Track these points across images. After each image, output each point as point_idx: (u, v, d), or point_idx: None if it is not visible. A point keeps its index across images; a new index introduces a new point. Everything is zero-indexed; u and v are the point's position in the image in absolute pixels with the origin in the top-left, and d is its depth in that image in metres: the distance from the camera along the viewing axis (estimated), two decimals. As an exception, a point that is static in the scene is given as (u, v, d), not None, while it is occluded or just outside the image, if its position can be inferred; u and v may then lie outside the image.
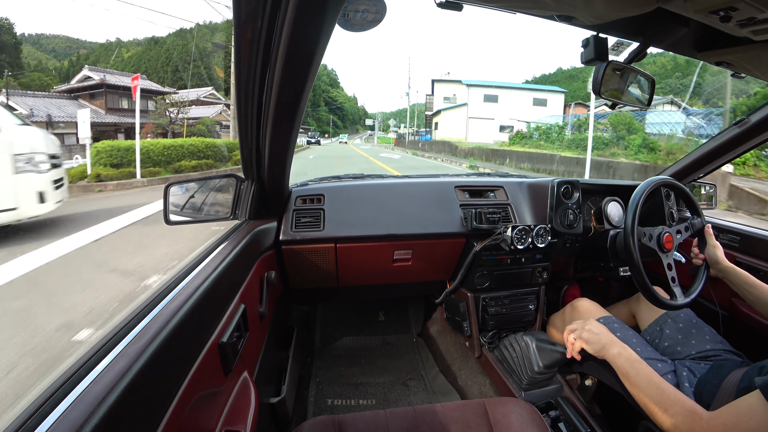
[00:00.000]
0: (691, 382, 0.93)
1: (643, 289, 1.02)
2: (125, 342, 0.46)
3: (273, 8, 0.56)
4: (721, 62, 0.78)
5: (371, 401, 1.54)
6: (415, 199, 1.33)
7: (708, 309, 1.26)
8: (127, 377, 0.40)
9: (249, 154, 0.95)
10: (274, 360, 1.15)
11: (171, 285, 0.62)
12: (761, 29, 0.57)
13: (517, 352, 1.33)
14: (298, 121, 0.81)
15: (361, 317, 2.03)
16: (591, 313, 1.18)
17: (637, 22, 0.67)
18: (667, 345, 1.07)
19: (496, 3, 0.64)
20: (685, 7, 0.54)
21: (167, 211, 0.98)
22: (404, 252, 1.31)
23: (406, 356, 1.82)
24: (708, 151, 1.34)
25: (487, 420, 0.86)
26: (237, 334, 0.72)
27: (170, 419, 0.46)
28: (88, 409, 0.36)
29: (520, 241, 1.26)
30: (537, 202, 1.40)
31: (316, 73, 0.69)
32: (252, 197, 1.05)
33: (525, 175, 1.68)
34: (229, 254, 0.77)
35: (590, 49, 0.73)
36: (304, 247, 1.22)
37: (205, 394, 0.58)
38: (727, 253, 1.28)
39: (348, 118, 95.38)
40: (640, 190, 1.07)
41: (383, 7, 0.59)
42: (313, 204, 1.26)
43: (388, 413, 0.88)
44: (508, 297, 1.45)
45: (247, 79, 0.72)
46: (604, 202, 1.41)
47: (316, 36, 0.58)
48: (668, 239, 1.07)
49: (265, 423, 0.94)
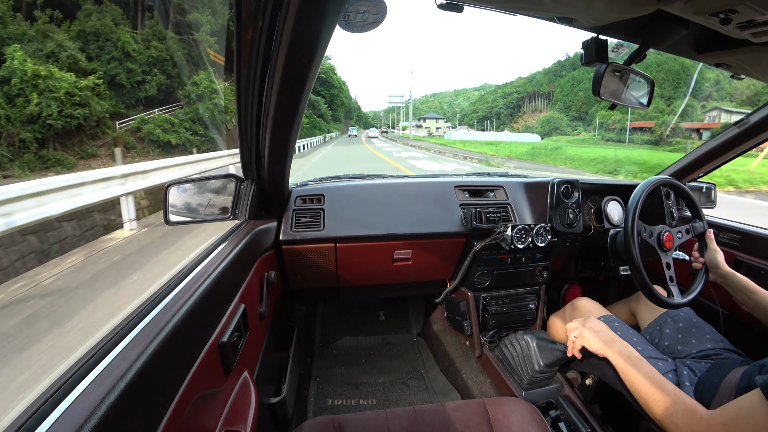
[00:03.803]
0: (691, 381, 0.93)
1: (643, 288, 1.02)
2: (125, 342, 0.47)
3: (274, 9, 0.56)
4: (720, 64, 0.78)
5: (371, 401, 1.54)
6: (415, 199, 1.33)
7: (708, 308, 1.27)
8: (127, 377, 0.40)
9: (249, 154, 0.95)
10: (275, 360, 1.15)
11: (171, 285, 0.62)
12: (761, 31, 0.57)
13: (517, 351, 1.33)
14: (298, 121, 0.81)
15: (361, 317, 2.03)
16: (591, 312, 1.18)
17: (637, 23, 0.67)
18: (668, 344, 1.08)
19: (496, 4, 0.64)
20: (685, 9, 0.54)
21: (167, 212, 0.98)
22: (404, 252, 1.31)
23: (407, 356, 1.82)
24: (708, 151, 1.34)
25: (488, 420, 0.86)
26: (237, 334, 0.72)
27: (170, 419, 0.46)
28: (88, 409, 0.36)
29: (520, 240, 1.26)
30: (537, 202, 1.40)
31: (317, 74, 0.69)
32: (252, 197, 1.05)
33: (525, 174, 1.68)
34: (229, 254, 0.77)
35: (590, 51, 0.73)
36: (304, 247, 1.22)
37: (205, 394, 0.58)
38: (728, 252, 1.28)
39: (339, 107, 69.50)
40: (640, 190, 1.07)
41: (384, 9, 0.59)
42: (313, 204, 1.26)
43: (389, 413, 0.88)
44: (508, 296, 1.45)
45: (247, 79, 0.72)
46: (604, 202, 1.41)
47: (317, 37, 0.58)
48: (668, 238, 1.07)
49: (265, 423, 0.94)
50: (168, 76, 17.84)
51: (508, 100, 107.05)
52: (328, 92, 63.94)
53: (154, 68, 17.33)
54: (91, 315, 2.46)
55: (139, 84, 16.93)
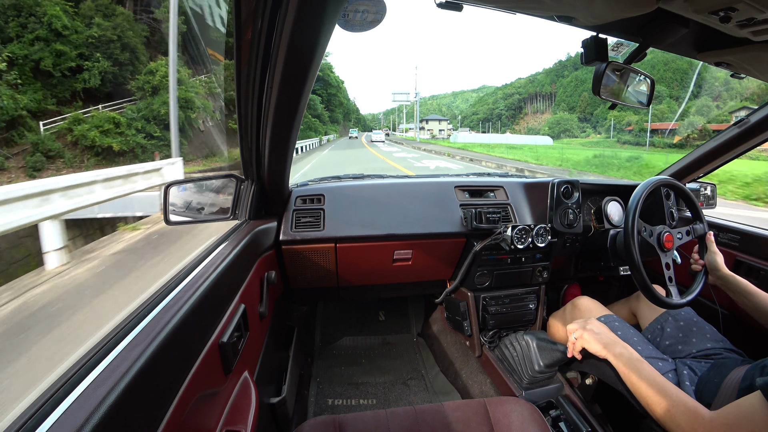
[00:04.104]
0: (692, 381, 0.93)
1: (643, 288, 1.02)
2: (125, 342, 0.46)
3: (273, 8, 0.56)
4: (720, 63, 0.78)
5: (372, 401, 1.54)
6: (415, 199, 1.33)
7: (708, 307, 1.27)
8: (127, 377, 0.40)
9: (249, 154, 0.95)
10: (275, 360, 1.15)
11: (171, 285, 0.62)
12: (761, 30, 0.57)
13: (517, 351, 1.33)
14: (298, 121, 0.81)
15: (361, 317, 2.03)
16: (592, 312, 1.18)
17: (637, 22, 0.67)
18: (668, 344, 1.08)
19: (496, 3, 0.64)
20: (685, 8, 0.54)
21: (167, 211, 0.98)
22: (404, 252, 1.31)
23: (407, 356, 1.82)
24: (708, 151, 1.34)
25: (488, 419, 0.86)
26: (237, 334, 0.72)
27: (171, 419, 0.46)
28: (88, 409, 0.36)
29: (520, 240, 1.26)
30: (537, 202, 1.40)
31: (316, 73, 0.69)
32: (252, 197, 1.05)
33: (525, 175, 1.68)
34: (229, 254, 0.77)
35: (590, 50, 0.73)
36: (304, 247, 1.22)
37: (205, 394, 0.58)
38: (728, 252, 1.28)
39: (336, 108, 61.77)
40: (641, 190, 1.07)
41: (383, 8, 0.59)
42: (313, 204, 1.26)
43: (389, 413, 0.88)
44: (508, 296, 1.45)
45: (247, 79, 0.72)
46: (604, 202, 1.41)
47: (316, 36, 0.58)
48: (668, 239, 1.07)
49: (265, 423, 0.94)
50: (116, 63, 13.54)
51: (509, 101, 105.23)
52: (325, 91, 57.46)
53: (95, 52, 13.03)
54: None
55: (74, 72, 12.77)
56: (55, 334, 2.31)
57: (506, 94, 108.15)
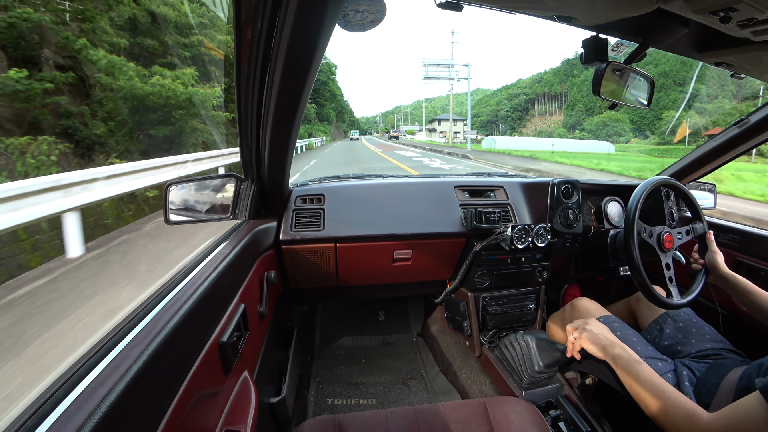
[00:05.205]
0: (691, 381, 0.93)
1: (642, 288, 1.02)
2: (125, 342, 0.47)
3: (273, 8, 0.56)
4: (720, 63, 0.78)
5: (371, 401, 1.54)
6: (415, 199, 1.33)
7: (708, 308, 1.27)
8: (127, 377, 0.40)
9: (249, 154, 0.95)
10: (274, 360, 1.15)
11: (171, 285, 0.62)
12: (761, 30, 0.57)
13: (517, 352, 1.33)
14: (298, 121, 0.81)
15: (361, 317, 2.03)
16: (591, 312, 1.18)
17: (637, 22, 0.67)
18: (667, 344, 1.08)
19: (496, 3, 0.64)
20: (685, 8, 0.54)
21: (167, 211, 0.98)
22: (404, 252, 1.31)
23: (406, 356, 1.82)
24: (708, 151, 1.34)
25: (488, 419, 0.86)
26: (237, 334, 0.72)
27: (170, 419, 0.46)
28: (88, 408, 0.36)
29: (520, 240, 1.26)
30: (537, 202, 1.40)
31: (316, 73, 0.69)
32: (252, 197, 1.05)
33: (525, 175, 1.68)
34: (229, 254, 0.77)
35: (590, 50, 0.73)
36: (304, 247, 1.22)
37: (205, 393, 0.58)
38: (728, 252, 1.28)
39: (327, 102, 51.35)
40: (640, 190, 1.07)
41: (383, 8, 0.59)
42: (313, 204, 1.26)
43: (389, 413, 0.88)
44: (508, 296, 1.45)
45: (247, 79, 0.72)
46: (604, 202, 1.41)
47: (316, 36, 0.58)
48: (668, 239, 1.07)
49: (265, 423, 0.94)
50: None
51: (514, 102, 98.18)
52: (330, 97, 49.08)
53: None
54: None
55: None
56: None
57: (511, 94, 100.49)
